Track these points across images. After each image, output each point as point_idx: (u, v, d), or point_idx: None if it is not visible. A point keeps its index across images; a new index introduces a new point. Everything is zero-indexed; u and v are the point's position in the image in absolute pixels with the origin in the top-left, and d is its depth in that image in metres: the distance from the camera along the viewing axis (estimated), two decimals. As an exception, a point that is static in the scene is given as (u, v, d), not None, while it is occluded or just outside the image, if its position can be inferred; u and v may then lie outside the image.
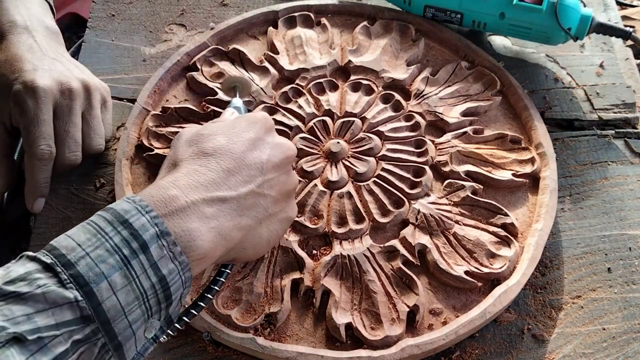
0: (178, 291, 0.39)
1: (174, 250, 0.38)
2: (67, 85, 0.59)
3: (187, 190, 0.41)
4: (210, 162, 0.44)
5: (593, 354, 0.52)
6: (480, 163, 0.62)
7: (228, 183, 0.43)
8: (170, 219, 0.39)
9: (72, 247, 0.36)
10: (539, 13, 0.67)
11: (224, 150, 0.45)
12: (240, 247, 0.45)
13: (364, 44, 0.73)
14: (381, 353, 0.50)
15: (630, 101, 0.70)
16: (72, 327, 0.34)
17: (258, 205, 0.45)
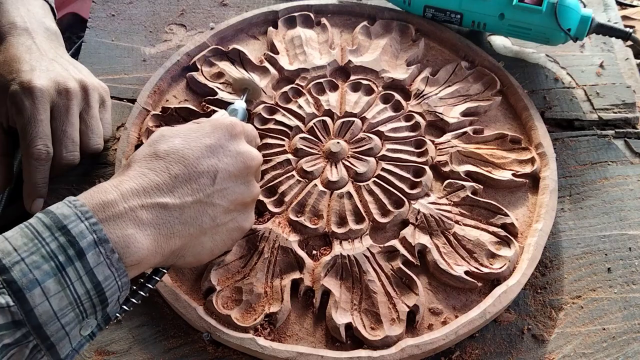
0: (114, 295, 0.39)
1: (111, 257, 0.38)
2: (64, 85, 0.59)
3: (128, 195, 0.41)
4: (160, 165, 0.43)
5: (593, 354, 0.52)
6: (480, 163, 0.62)
7: (174, 190, 0.42)
8: (108, 224, 0.39)
9: (8, 251, 0.35)
10: (538, 14, 0.67)
11: (177, 154, 0.44)
12: (180, 254, 0.45)
13: (364, 44, 0.73)
14: (381, 353, 0.50)
15: (630, 101, 0.70)
16: (2, 331, 0.34)
17: (204, 215, 0.44)
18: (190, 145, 0.45)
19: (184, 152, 0.44)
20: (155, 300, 0.56)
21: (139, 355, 0.53)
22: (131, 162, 0.45)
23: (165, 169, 0.43)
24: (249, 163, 0.48)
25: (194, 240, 0.45)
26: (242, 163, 0.47)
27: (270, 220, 0.58)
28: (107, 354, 0.53)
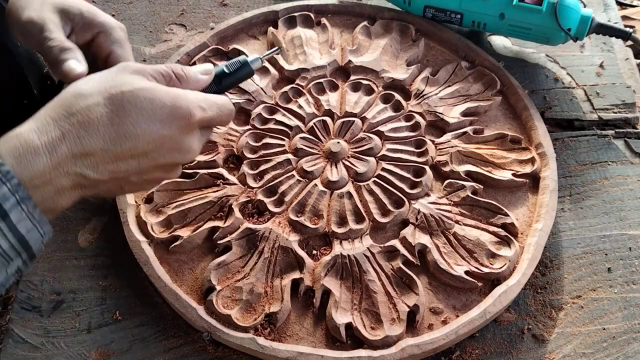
0: (37, 241, 0.41)
1: (33, 212, 0.40)
2: None
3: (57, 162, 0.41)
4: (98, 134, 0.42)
5: (593, 354, 0.52)
6: (480, 163, 0.62)
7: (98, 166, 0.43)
8: (33, 189, 0.40)
9: None
10: (538, 14, 0.67)
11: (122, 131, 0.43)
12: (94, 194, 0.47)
13: (364, 44, 0.73)
14: (381, 353, 0.50)
15: (630, 101, 0.70)
16: None
17: (116, 186, 0.45)
18: (137, 128, 0.43)
19: (123, 131, 0.43)
20: (155, 300, 0.56)
21: (139, 355, 0.53)
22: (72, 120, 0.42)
23: (101, 141, 0.42)
24: (180, 160, 0.47)
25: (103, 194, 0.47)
26: (171, 157, 0.46)
27: (271, 220, 0.58)
28: (107, 354, 0.53)
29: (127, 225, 0.57)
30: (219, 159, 0.62)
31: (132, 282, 0.57)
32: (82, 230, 0.60)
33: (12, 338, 0.54)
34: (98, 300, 0.56)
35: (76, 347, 0.53)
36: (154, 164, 0.45)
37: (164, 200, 0.60)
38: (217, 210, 0.59)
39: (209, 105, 0.48)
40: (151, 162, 0.45)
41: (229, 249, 0.57)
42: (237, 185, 0.61)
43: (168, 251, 0.57)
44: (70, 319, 0.55)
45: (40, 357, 0.53)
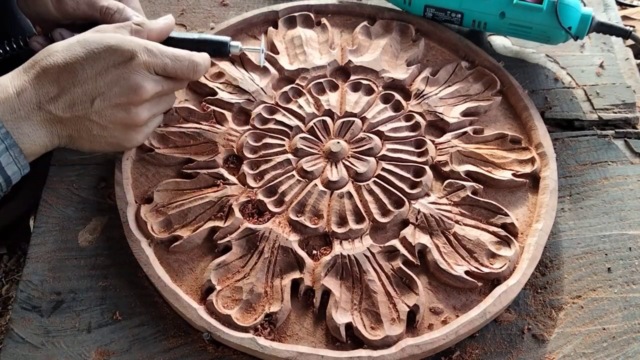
0: (17, 178, 0.50)
1: (19, 157, 0.49)
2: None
3: (27, 102, 0.49)
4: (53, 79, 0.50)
5: (593, 354, 0.52)
6: (480, 163, 0.62)
7: (58, 102, 0.50)
8: (12, 125, 0.48)
9: None
10: (539, 12, 0.67)
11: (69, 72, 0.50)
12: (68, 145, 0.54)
13: (364, 44, 0.73)
14: (381, 353, 0.50)
15: (630, 101, 0.70)
16: None
17: (82, 125, 0.52)
18: (82, 66, 0.50)
19: (75, 71, 0.50)
20: (155, 300, 0.56)
21: (139, 355, 0.53)
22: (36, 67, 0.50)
23: (56, 80, 0.50)
24: (131, 97, 0.51)
25: (77, 139, 0.53)
26: (123, 95, 0.51)
27: (271, 220, 0.58)
28: (107, 354, 0.53)
29: (127, 225, 0.57)
30: (219, 159, 0.62)
31: (132, 282, 0.57)
32: (82, 230, 0.60)
33: (12, 338, 0.54)
34: (98, 300, 0.56)
35: (76, 347, 0.53)
36: (108, 103, 0.51)
37: (164, 200, 0.60)
38: (217, 210, 0.59)
39: (160, 52, 0.53)
40: (106, 102, 0.51)
41: (229, 249, 0.57)
42: (237, 185, 0.61)
43: (168, 251, 0.57)
44: (70, 319, 0.55)
45: (40, 357, 0.53)
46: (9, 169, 0.49)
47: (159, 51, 0.53)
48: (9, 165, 0.48)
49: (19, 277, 0.57)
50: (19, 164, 0.49)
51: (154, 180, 0.62)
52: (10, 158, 0.48)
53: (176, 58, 0.54)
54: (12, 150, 0.48)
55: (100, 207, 0.62)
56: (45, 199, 0.62)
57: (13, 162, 0.49)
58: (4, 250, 1.12)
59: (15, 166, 0.49)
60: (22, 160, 0.49)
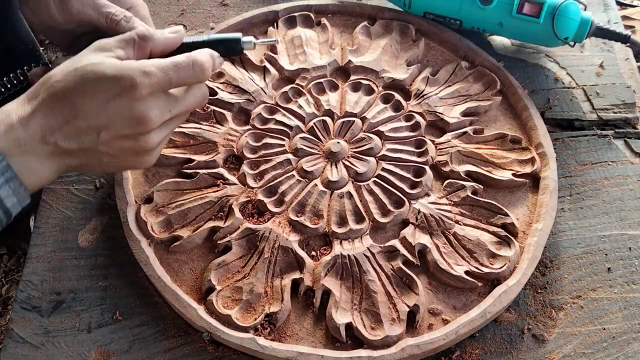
0: (17, 211, 0.47)
1: (19, 189, 0.46)
2: None
3: (32, 134, 0.46)
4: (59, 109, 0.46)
5: (593, 354, 0.52)
6: (480, 163, 0.62)
7: (65, 134, 0.47)
8: (15, 158, 0.45)
9: None
10: (536, 24, 0.68)
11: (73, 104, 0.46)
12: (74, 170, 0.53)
13: (364, 44, 0.73)
14: (381, 353, 0.50)
15: (630, 101, 0.70)
16: None
17: (92, 157, 0.49)
18: (83, 98, 0.46)
19: (76, 103, 0.46)
20: (155, 300, 0.56)
21: (139, 355, 0.53)
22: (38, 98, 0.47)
23: (61, 114, 0.47)
24: (137, 128, 0.48)
25: (87, 167, 0.51)
26: (128, 128, 0.48)
27: (271, 220, 0.58)
28: (107, 354, 0.53)
29: (127, 225, 0.57)
30: (219, 159, 0.62)
31: (132, 282, 0.57)
32: (82, 230, 0.60)
33: (12, 338, 0.54)
34: (98, 300, 0.56)
35: (76, 347, 0.53)
36: (114, 135, 0.47)
37: (164, 200, 0.60)
38: (217, 210, 0.59)
39: (159, 69, 0.48)
40: (111, 133, 0.47)
41: (229, 249, 0.57)
42: (237, 185, 0.61)
43: (168, 251, 0.57)
44: (70, 319, 0.55)
45: (40, 357, 0.53)
46: (8, 201, 0.46)
47: (157, 69, 0.48)
48: (8, 198, 0.46)
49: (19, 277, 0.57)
50: (19, 196, 0.47)
51: (154, 180, 0.62)
52: (10, 190, 0.46)
53: (177, 67, 0.49)
54: (12, 183, 0.46)
55: (100, 207, 0.62)
56: (45, 199, 0.62)
57: (13, 195, 0.46)
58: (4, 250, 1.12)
59: (15, 198, 0.46)
60: (22, 192, 0.47)
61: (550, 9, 0.67)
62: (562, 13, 0.67)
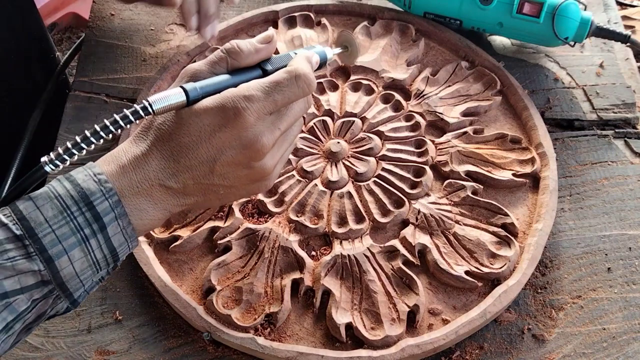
0: (125, 254, 0.46)
1: (127, 228, 0.44)
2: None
3: (144, 176, 0.45)
4: (167, 151, 0.46)
5: (593, 354, 0.52)
6: (480, 163, 0.62)
7: (177, 175, 0.46)
8: (127, 198, 0.44)
9: (40, 221, 0.41)
10: (536, 24, 0.68)
11: (181, 143, 0.45)
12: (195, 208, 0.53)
13: (364, 44, 0.73)
14: (381, 353, 0.50)
15: (630, 101, 0.70)
16: (33, 289, 0.41)
17: (208, 192, 0.47)
18: (192, 135, 0.45)
19: (185, 142, 0.45)
20: (155, 300, 0.56)
21: (139, 355, 0.53)
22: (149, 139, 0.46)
23: (171, 155, 0.46)
24: (249, 155, 0.46)
25: (204, 202, 0.49)
26: (241, 155, 0.46)
27: (271, 220, 0.58)
28: (107, 354, 0.53)
29: (127, 225, 0.57)
30: (219, 159, 0.62)
31: (132, 282, 0.57)
32: (82, 230, 0.60)
33: (12, 338, 0.54)
34: (98, 300, 0.56)
35: (76, 347, 0.53)
36: (227, 165, 0.46)
37: (164, 200, 0.60)
38: (217, 210, 0.59)
39: (261, 91, 0.45)
40: (224, 164, 0.46)
41: (229, 249, 0.57)
42: (237, 185, 0.61)
43: (168, 251, 0.57)
44: (70, 319, 0.55)
45: (40, 357, 0.53)
46: (115, 240, 0.44)
47: (260, 92, 0.45)
48: (116, 236, 0.44)
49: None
50: (126, 235, 0.44)
51: (154, 180, 0.62)
52: (118, 228, 0.44)
53: (280, 86, 0.46)
54: (121, 220, 0.44)
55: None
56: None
57: (120, 233, 0.44)
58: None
59: (122, 237, 0.44)
60: (130, 231, 0.44)
61: (550, 9, 0.67)
62: (562, 13, 0.67)
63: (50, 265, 0.41)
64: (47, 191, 0.42)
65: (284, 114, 0.47)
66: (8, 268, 0.40)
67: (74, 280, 0.43)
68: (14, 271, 0.40)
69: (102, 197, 0.43)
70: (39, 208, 0.42)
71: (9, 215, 0.41)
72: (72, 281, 0.43)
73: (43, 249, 0.41)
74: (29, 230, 0.41)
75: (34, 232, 0.41)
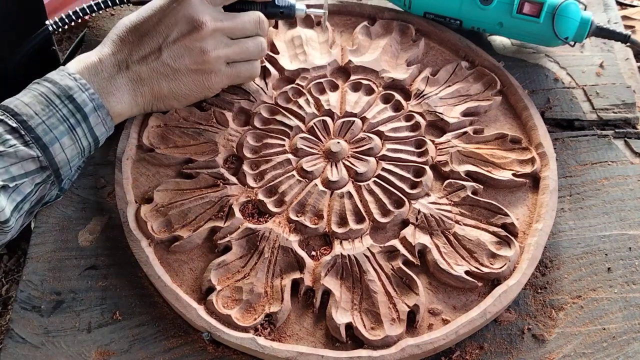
0: (103, 141, 0.57)
1: (106, 119, 0.54)
2: None
3: (108, 67, 0.56)
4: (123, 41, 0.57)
5: (593, 354, 0.52)
6: (480, 163, 0.62)
7: (132, 60, 0.57)
8: (100, 87, 0.54)
9: (31, 114, 0.49)
10: (536, 24, 0.68)
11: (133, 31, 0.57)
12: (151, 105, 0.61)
13: (364, 44, 0.73)
14: (381, 353, 0.50)
15: (630, 101, 0.70)
16: (35, 174, 0.50)
17: (160, 76, 0.58)
18: (145, 20, 0.57)
19: (139, 26, 0.57)
20: (155, 300, 0.56)
21: (139, 355, 0.53)
22: (111, 37, 0.58)
23: (128, 43, 0.57)
24: (195, 34, 0.57)
25: (158, 94, 0.59)
26: (188, 32, 0.57)
27: (271, 220, 0.58)
28: (107, 354, 0.53)
29: (127, 225, 0.57)
30: (219, 159, 0.62)
31: (132, 282, 0.57)
32: (82, 230, 0.60)
33: (12, 338, 0.54)
34: (98, 300, 0.56)
35: (76, 347, 0.53)
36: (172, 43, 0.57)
37: (164, 200, 0.60)
38: (217, 210, 0.59)
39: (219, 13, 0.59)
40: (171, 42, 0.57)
41: (229, 249, 0.57)
42: (237, 185, 0.61)
43: (168, 251, 0.57)
44: (70, 319, 0.55)
45: (40, 357, 0.53)
46: (97, 130, 0.53)
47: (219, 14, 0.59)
48: (97, 126, 0.53)
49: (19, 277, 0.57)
50: (106, 125, 0.54)
51: (154, 180, 0.62)
52: (99, 119, 0.53)
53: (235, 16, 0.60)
54: (99, 111, 0.53)
55: (100, 207, 0.62)
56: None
57: (101, 123, 0.53)
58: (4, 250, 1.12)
59: (103, 127, 0.54)
60: (109, 121, 0.54)
61: (550, 9, 0.67)
62: (562, 13, 0.67)
63: (46, 152, 0.49)
64: (30, 91, 0.51)
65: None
66: (11, 155, 0.47)
67: (66, 167, 0.52)
68: (17, 158, 0.48)
69: (79, 90, 0.52)
70: (28, 104, 0.49)
71: (2, 113, 0.49)
72: (64, 168, 0.52)
73: (38, 137, 0.49)
74: (23, 123, 0.48)
75: (27, 123, 0.49)
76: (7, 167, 0.47)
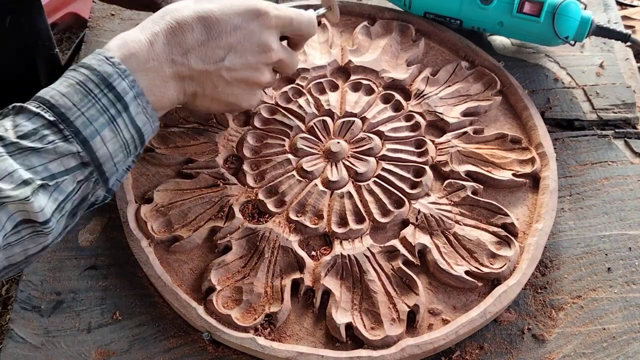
0: (149, 135, 0.50)
1: (147, 107, 0.48)
2: None
3: (158, 53, 0.49)
4: (187, 29, 0.50)
5: (593, 354, 0.52)
6: (480, 163, 0.62)
7: (190, 54, 0.51)
8: (140, 76, 0.48)
9: (69, 106, 0.44)
10: (536, 24, 0.68)
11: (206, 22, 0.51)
12: (189, 103, 0.56)
13: (364, 44, 0.73)
14: (381, 353, 0.50)
15: (630, 101, 0.70)
16: (76, 171, 0.45)
17: (209, 80, 0.53)
18: (217, 20, 0.51)
19: (210, 25, 0.51)
20: (155, 300, 0.56)
21: (139, 355, 0.53)
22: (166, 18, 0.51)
23: (192, 37, 0.51)
24: (263, 59, 0.54)
25: (200, 97, 0.55)
26: (256, 56, 0.54)
27: (271, 220, 0.58)
28: (107, 354, 0.53)
29: (127, 225, 0.57)
30: (219, 159, 0.63)
31: (132, 282, 0.57)
32: (82, 230, 0.60)
33: (12, 338, 0.54)
34: (98, 300, 0.56)
35: (76, 347, 0.53)
36: (238, 60, 0.53)
37: (164, 200, 0.60)
38: (217, 210, 0.59)
39: (283, 10, 0.55)
40: (237, 57, 0.53)
41: (229, 249, 0.57)
42: (237, 185, 0.61)
43: (168, 251, 0.57)
44: (70, 319, 0.55)
45: (40, 357, 0.53)
46: (138, 120, 0.48)
47: (282, 10, 0.55)
48: (139, 116, 0.48)
49: (19, 277, 0.57)
50: (147, 114, 0.48)
51: (154, 180, 0.62)
52: (139, 107, 0.48)
53: (297, 15, 0.56)
54: (139, 99, 0.48)
55: (100, 207, 0.62)
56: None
57: (142, 112, 0.48)
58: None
59: (144, 116, 0.48)
60: (150, 109, 0.49)
61: (550, 8, 0.67)
62: (563, 12, 0.67)
63: (87, 147, 0.45)
64: (67, 80, 0.46)
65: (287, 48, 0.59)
66: (50, 151, 0.43)
67: (109, 163, 0.47)
68: (56, 154, 0.43)
69: (119, 77, 0.46)
70: (65, 95, 0.45)
71: (38, 106, 0.44)
72: (107, 164, 0.47)
73: (77, 131, 0.44)
74: (61, 116, 0.44)
75: (65, 116, 0.44)
76: (45, 164, 0.43)
